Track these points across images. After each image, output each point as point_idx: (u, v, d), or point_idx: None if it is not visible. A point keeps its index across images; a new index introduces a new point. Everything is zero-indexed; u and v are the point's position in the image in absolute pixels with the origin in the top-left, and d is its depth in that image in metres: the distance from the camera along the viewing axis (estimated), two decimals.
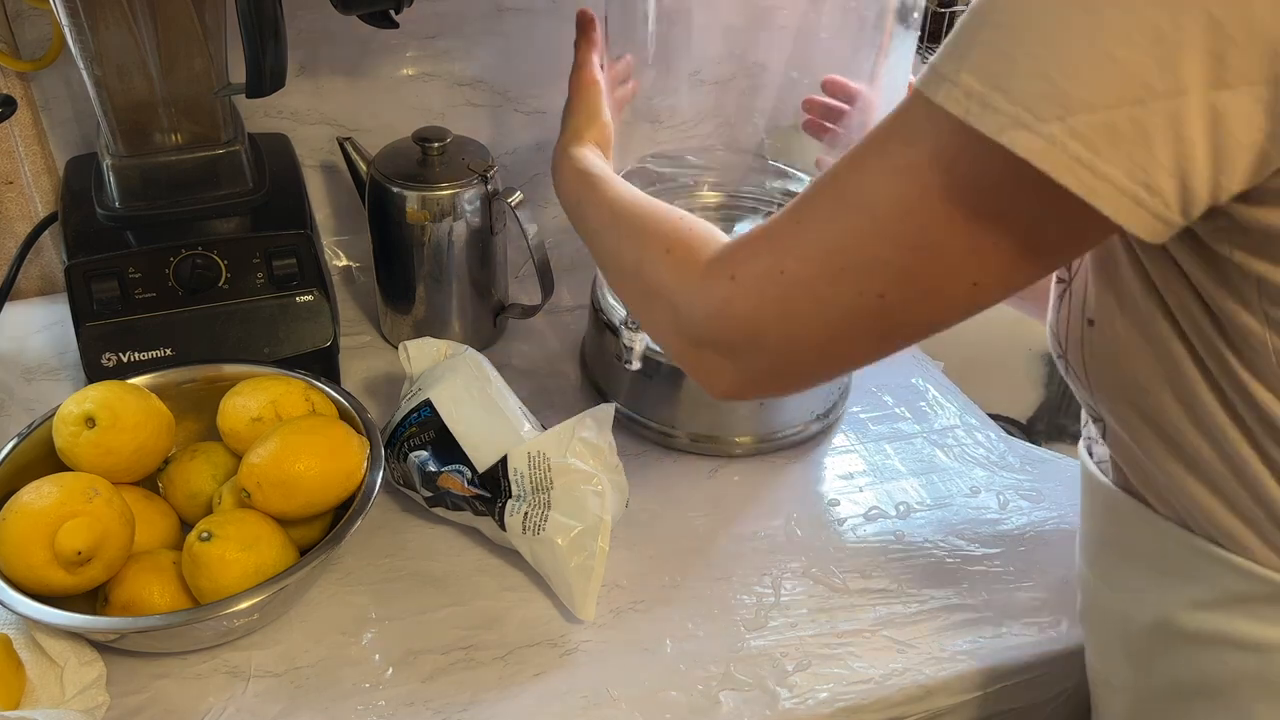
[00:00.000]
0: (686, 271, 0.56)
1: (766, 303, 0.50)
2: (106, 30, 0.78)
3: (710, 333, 0.54)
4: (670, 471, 0.86)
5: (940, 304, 0.47)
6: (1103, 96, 0.38)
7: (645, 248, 0.60)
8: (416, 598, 0.74)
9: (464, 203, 0.89)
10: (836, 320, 0.49)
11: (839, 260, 0.47)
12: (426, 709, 0.66)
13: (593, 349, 0.93)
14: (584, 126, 0.76)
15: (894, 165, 0.45)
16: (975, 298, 0.47)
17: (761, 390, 0.57)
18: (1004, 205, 0.43)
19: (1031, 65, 0.39)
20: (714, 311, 0.53)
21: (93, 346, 0.81)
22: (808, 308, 0.49)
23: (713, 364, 0.55)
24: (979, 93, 0.40)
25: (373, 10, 0.76)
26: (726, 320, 0.52)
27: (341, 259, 1.07)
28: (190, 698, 0.66)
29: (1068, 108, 0.38)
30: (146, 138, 0.85)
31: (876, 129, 0.47)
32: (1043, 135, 0.39)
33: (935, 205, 0.44)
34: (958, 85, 0.41)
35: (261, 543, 0.67)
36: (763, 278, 0.50)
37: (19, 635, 0.65)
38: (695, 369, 0.57)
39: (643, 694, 0.68)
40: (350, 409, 0.77)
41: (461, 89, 1.03)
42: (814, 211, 0.49)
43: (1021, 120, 0.39)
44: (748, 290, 0.51)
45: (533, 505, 0.72)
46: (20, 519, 0.64)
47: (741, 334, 0.52)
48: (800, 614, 0.74)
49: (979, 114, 0.40)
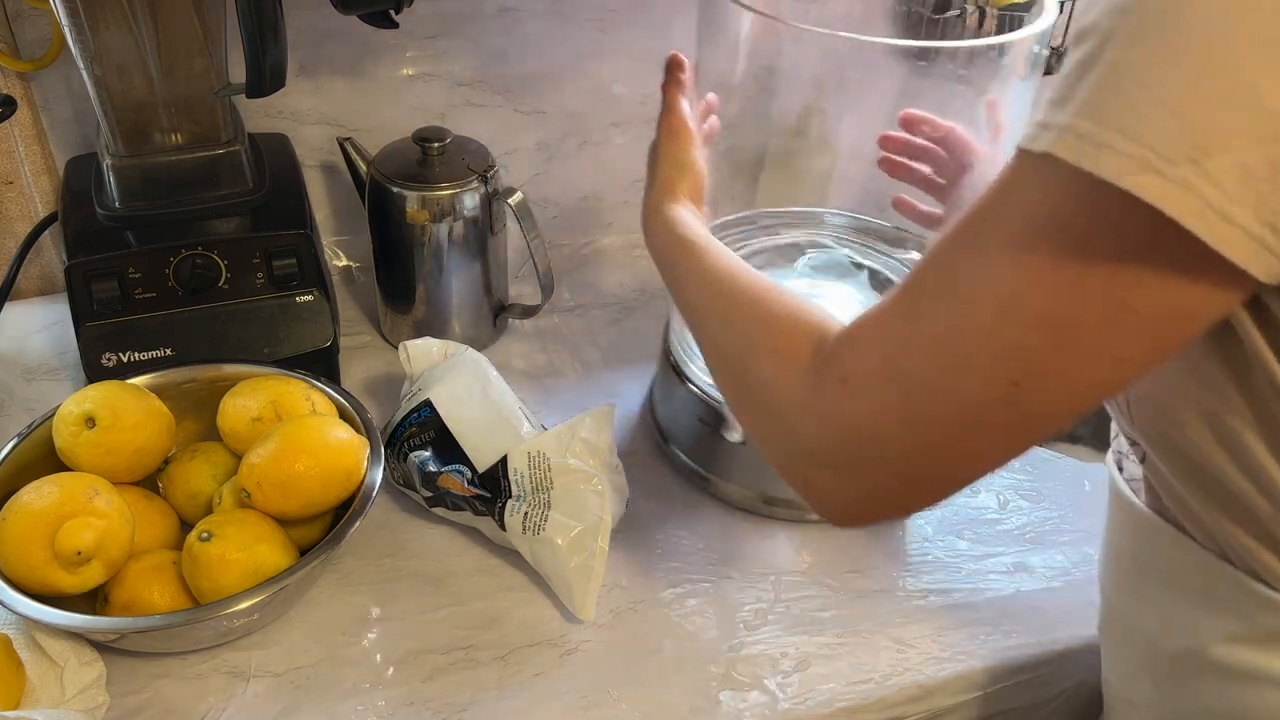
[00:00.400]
0: (794, 377, 0.49)
1: (885, 407, 0.45)
2: (106, 30, 0.78)
3: (824, 448, 0.47)
4: (670, 472, 0.86)
5: (1081, 386, 0.42)
6: (1241, 134, 0.35)
7: (749, 344, 0.54)
8: (416, 598, 0.74)
9: (464, 203, 0.89)
10: (967, 418, 0.43)
11: (963, 350, 0.42)
12: (426, 709, 0.66)
13: (663, 397, 0.88)
14: (676, 177, 0.70)
15: (1008, 235, 0.40)
16: (1121, 374, 0.41)
17: (886, 510, 0.50)
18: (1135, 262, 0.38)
19: (1155, 101, 0.35)
20: (826, 423, 0.47)
21: (93, 346, 0.81)
22: (933, 408, 0.44)
23: (829, 483, 0.48)
24: (1093, 134, 0.36)
25: (373, 10, 0.76)
26: (841, 432, 0.46)
27: (341, 259, 1.07)
28: (190, 698, 0.66)
29: (1203, 148, 0.35)
30: (146, 138, 0.85)
31: (982, 199, 0.42)
32: (1174, 179, 0.35)
33: (1061, 273, 0.39)
34: (1068, 130, 0.37)
35: (261, 543, 0.67)
36: (878, 379, 0.45)
37: (19, 635, 0.65)
38: (808, 489, 0.50)
39: (643, 694, 0.68)
40: (350, 409, 0.77)
41: (461, 89, 1.03)
42: (926, 298, 0.44)
43: (1148, 163, 0.35)
44: (863, 395, 0.45)
45: (533, 505, 0.72)
46: (20, 519, 0.64)
47: (860, 446, 0.46)
48: (800, 614, 0.74)
49: (1094, 156, 0.36)
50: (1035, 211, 0.40)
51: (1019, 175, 0.41)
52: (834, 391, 0.47)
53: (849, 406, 0.46)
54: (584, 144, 1.09)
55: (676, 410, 0.85)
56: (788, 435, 0.50)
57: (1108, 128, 0.36)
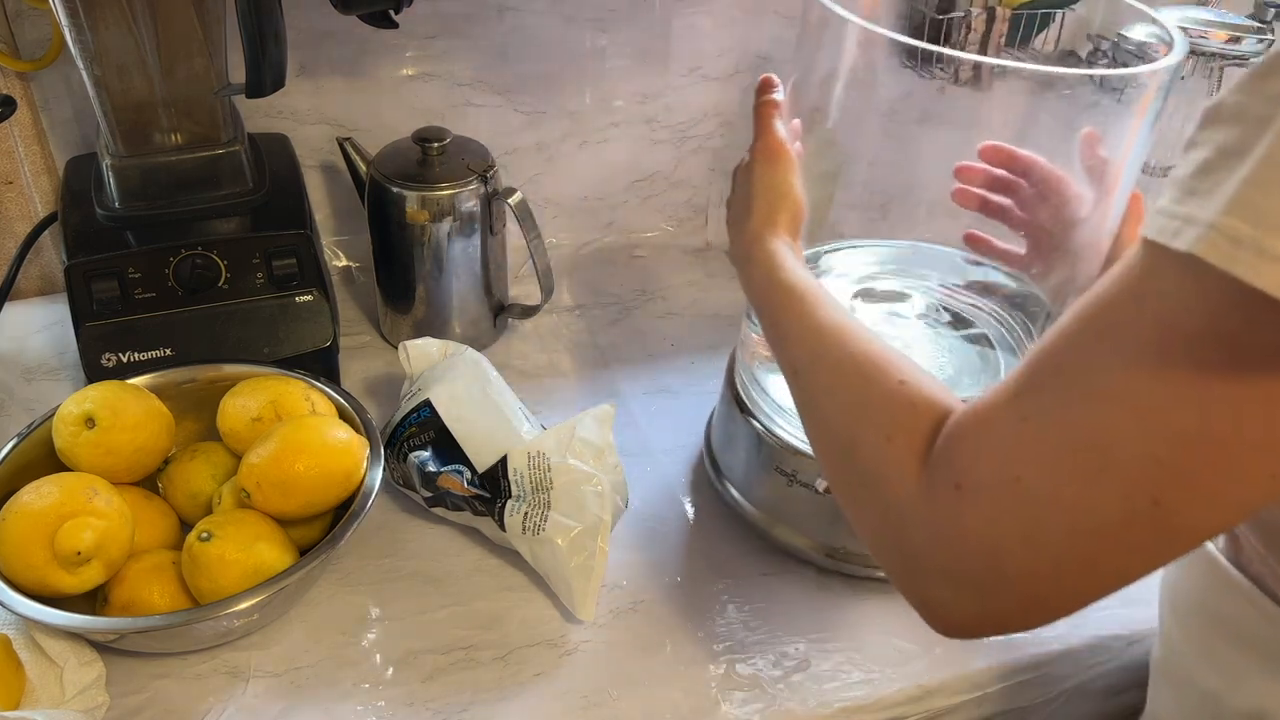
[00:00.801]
0: (910, 471, 0.45)
1: (1003, 521, 0.40)
2: (106, 30, 0.78)
3: (937, 559, 0.43)
4: (670, 472, 0.86)
5: (1232, 503, 0.38)
6: None
7: (860, 422, 0.49)
8: (416, 598, 0.74)
9: (464, 203, 0.89)
10: (1097, 536, 0.39)
11: (1094, 464, 0.38)
12: (426, 709, 0.66)
13: (721, 435, 0.84)
14: (776, 208, 0.64)
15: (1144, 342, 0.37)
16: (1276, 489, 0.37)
17: (1004, 629, 0.45)
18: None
19: None
20: (939, 533, 0.43)
21: (93, 346, 0.81)
22: (1057, 524, 0.39)
23: (941, 596, 0.44)
24: (1249, 238, 0.32)
25: (373, 10, 0.76)
26: (955, 544, 0.42)
27: (341, 259, 1.07)
28: (190, 698, 0.66)
29: None
30: (146, 138, 0.85)
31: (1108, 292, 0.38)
32: None
33: (1209, 388, 0.35)
34: (1215, 228, 0.33)
35: (261, 543, 0.67)
36: (994, 488, 0.41)
37: (19, 635, 0.65)
38: (917, 599, 0.45)
39: (643, 694, 0.68)
40: (350, 409, 0.77)
41: (461, 89, 1.03)
42: (1048, 401, 0.40)
43: None
44: (978, 506, 0.41)
45: (532, 505, 0.72)
46: (20, 519, 0.64)
47: (975, 561, 0.42)
48: (800, 614, 0.74)
49: (1252, 265, 0.32)
50: (1176, 319, 0.36)
51: (1153, 273, 0.36)
52: (947, 497, 0.42)
53: (964, 517, 0.41)
54: (584, 144, 1.09)
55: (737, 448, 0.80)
56: (897, 537, 0.45)
57: (1267, 230, 0.32)
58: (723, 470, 0.83)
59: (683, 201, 1.16)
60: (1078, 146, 0.66)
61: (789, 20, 1.07)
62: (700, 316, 1.05)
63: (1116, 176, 0.64)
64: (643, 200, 1.15)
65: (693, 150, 1.13)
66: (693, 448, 0.88)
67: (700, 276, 1.11)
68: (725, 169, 1.15)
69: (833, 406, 0.52)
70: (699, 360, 0.99)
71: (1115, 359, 0.38)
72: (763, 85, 0.69)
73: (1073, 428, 0.39)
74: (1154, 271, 0.37)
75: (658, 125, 1.11)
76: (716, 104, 1.11)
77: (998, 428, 0.42)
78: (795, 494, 0.75)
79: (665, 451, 0.88)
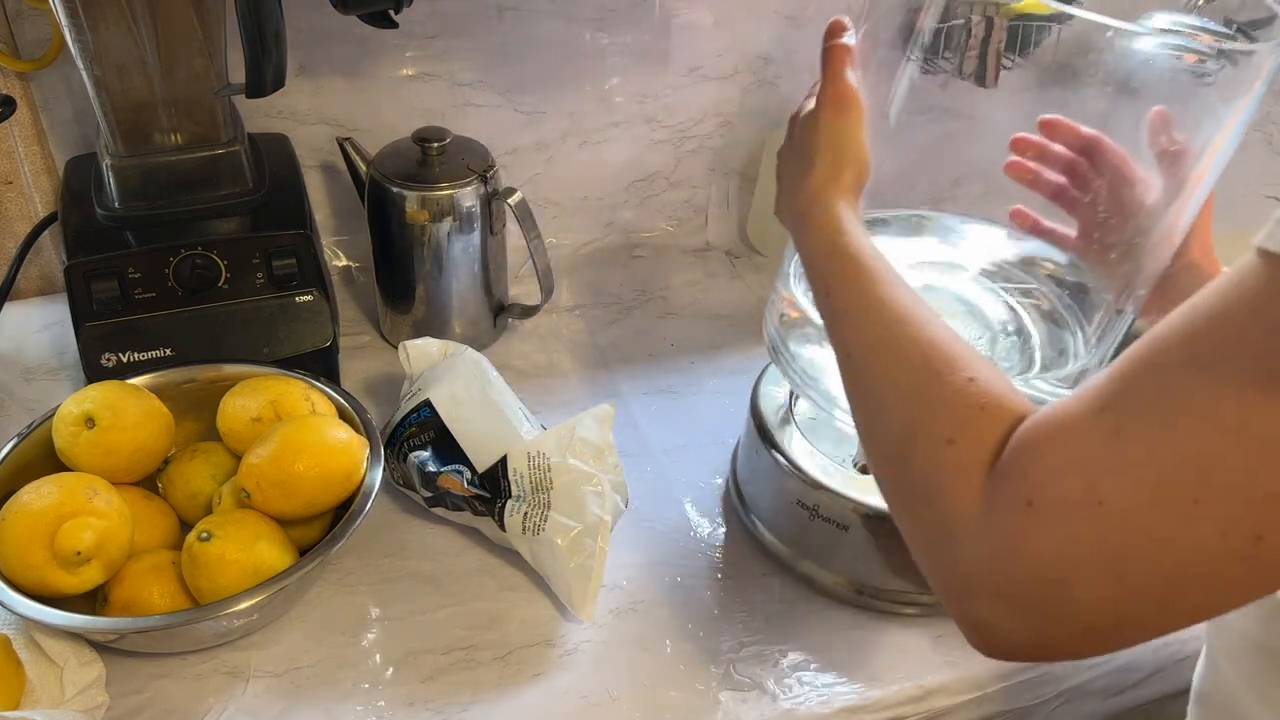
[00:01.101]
0: (973, 480, 0.41)
1: (1079, 547, 0.37)
2: (106, 30, 0.78)
3: (994, 578, 0.40)
4: (669, 473, 0.86)
5: None
6: None
7: (919, 420, 0.45)
8: (416, 598, 0.74)
9: (464, 203, 0.89)
10: (1186, 571, 0.36)
11: (1193, 495, 0.35)
12: (426, 709, 0.66)
13: (746, 465, 0.82)
14: (842, 163, 0.59)
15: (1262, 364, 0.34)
16: None
17: (1056, 656, 0.42)
18: None
19: None
20: (1002, 551, 0.39)
21: (92, 346, 0.81)
22: (1142, 554, 0.36)
23: (994, 618, 0.40)
24: None
25: (373, 10, 0.76)
26: (1018, 565, 0.39)
27: (341, 259, 1.07)
28: (190, 698, 0.66)
29: None
30: (146, 138, 0.85)
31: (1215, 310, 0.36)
32: None
33: None
34: None
35: (261, 543, 0.67)
36: (1072, 511, 0.37)
37: (19, 635, 0.65)
38: (966, 619, 0.42)
39: (643, 694, 0.68)
40: (350, 409, 0.77)
41: (461, 89, 1.03)
42: (1142, 422, 0.37)
43: None
44: (1052, 527, 0.38)
45: (532, 505, 0.72)
46: (20, 519, 0.64)
47: (1040, 586, 0.38)
48: (800, 614, 0.74)
49: None
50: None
51: (1269, 288, 0.34)
52: (1015, 513, 0.39)
53: (1033, 537, 0.38)
54: (584, 144, 1.09)
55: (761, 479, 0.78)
56: (951, 551, 0.42)
57: None
58: (747, 502, 0.81)
59: (683, 201, 1.16)
60: (1146, 126, 0.61)
61: (789, 20, 1.07)
62: (700, 316, 1.05)
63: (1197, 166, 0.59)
64: (643, 200, 1.15)
65: (693, 150, 1.13)
66: (693, 448, 0.88)
67: (700, 276, 1.11)
68: (725, 169, 1.15)
69: (891, 398, 0.48)
70: (699, 360, 0.99)
71: (1225, 384, 0.35)
72: (832, 29, 0.62)
73: (1170, 451, 0.36)
74: (1271, 286, 0.34)
75: (658, 125, 1.11)
76: (716, 104, 1.11)
77: (1082, 442, 0.38)
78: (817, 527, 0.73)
79: (665, 451, 0.88)
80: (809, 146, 0.60)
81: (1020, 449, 0.40)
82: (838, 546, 0.73)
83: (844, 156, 0.59)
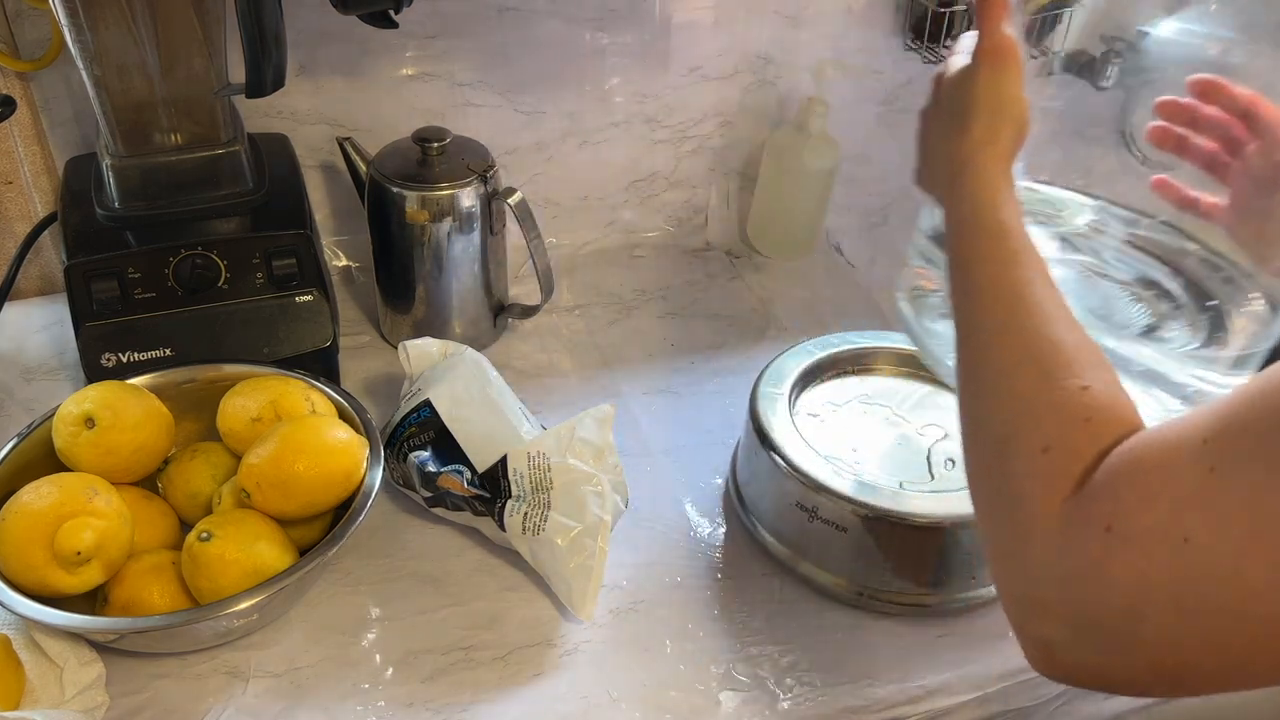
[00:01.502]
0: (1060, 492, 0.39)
1: (1155, 579, 0.35)
2: (106, 30, 0.78)
3: (1064, 599, 0.38)
4: (669, 473, 0.86)
5: None
6: None
7: (1022, 423, 0.43)
8: (416, 598, 0.74)
9: (464, 203, 0.89)
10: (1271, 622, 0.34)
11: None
12: (426, 709, 0.66)
13: (746, 466, 0.81)
14: (1000, 121, 0.54)
15: None
16: None
17: (1119, 687, 0.40)
18: None
19: None
20: (1075, 572, 0.38)
21: (92, 346, 0.81)
22: (1223, 601, 0.34)
23: (1060, 641, 0.39)
24: None
25: (373, 10, 0.76)
26: (1090, 589, 0.37)
27: (341, 259, 1.07)
28: (190, 698, 0.66)
29: None
30: (146, 138, 0.85)
31: None
32: None
33: None
34: None
35: (261, 543, 0.67)
36: (1155, 542, 0.36)
37: (19, 635, 0.65)
38: (1026, 632, 0.40)
39: (643, 694, 0.68)
40: (350, 409, 0.77)
41: (461, 89, 1.03)
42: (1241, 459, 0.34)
43: None
44: (1129, 554, 0.36)
45: (532, 505, 0.72)
46: (20, 519, 0.64)
47: (1109, 615, 0.37)
48: (800, 614, 0.74)
49: None
50: None
51: None
52: (1094, 536, 0.37)
53: (1109, 563, 0.36)
54: (584, 144, 1.09)
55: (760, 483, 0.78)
56: (1024, 563, 0.40)
57: None
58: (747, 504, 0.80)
59: (683, 201, 1.16)
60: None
61: (789, 20, 1.07)
62: (700, 316, 1.05)
63: None
64: (643, 200, 1.15)
65: (693, 150, 1.13)
66: (693, 448, 0.88)
67: (700, 276, 1.11)
68: (725, 169, 1.15)
69: (1002, 390, 0.45)
70: (699, 360, 0.99)
71: None
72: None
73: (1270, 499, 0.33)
74: None
75: (658, 125, 1.11)
76: (716, 104, 1.11)
77: (1178, 473, 0.36)
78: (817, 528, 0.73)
79: (665, 451, 0.88)
80: (962, 104, 0.56)
81: (1115, 471, 0.38)
82: (837, 548, 0.73)
83: (1002, 114, 0.55)
